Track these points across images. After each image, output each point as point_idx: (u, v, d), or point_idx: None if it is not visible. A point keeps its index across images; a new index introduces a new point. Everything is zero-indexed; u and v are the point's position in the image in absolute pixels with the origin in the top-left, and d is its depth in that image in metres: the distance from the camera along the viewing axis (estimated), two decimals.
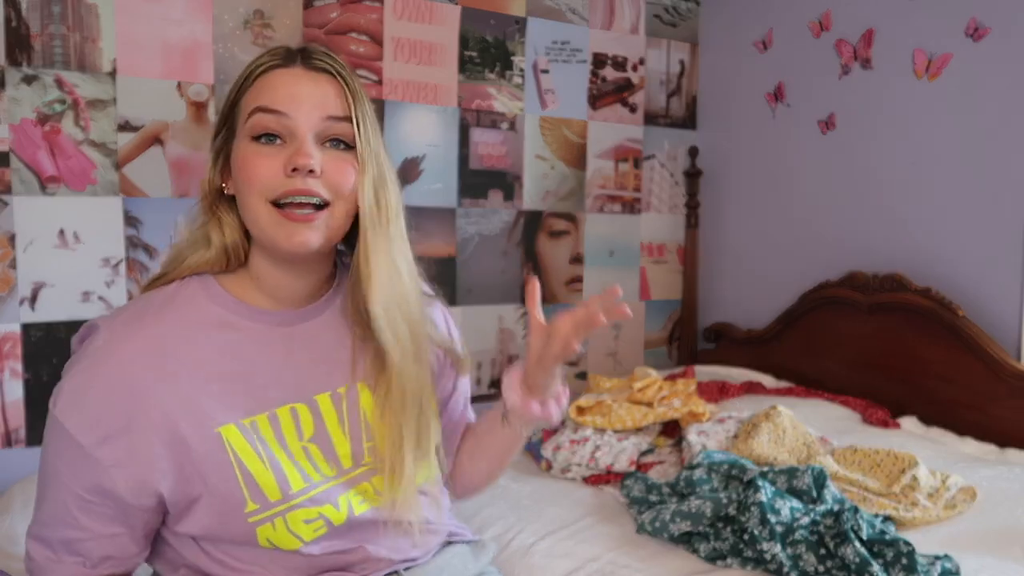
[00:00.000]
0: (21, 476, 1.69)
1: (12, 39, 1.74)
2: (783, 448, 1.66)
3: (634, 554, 1.35)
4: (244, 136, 0.83)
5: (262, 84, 0.84)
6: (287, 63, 0.84)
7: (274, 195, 0.81)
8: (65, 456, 0.80)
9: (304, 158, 0.80)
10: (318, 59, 0.85)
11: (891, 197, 2.16)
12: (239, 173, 0.83)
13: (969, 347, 1.89)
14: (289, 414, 0.87)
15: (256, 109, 0.82)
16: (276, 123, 0.82)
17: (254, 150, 0.82)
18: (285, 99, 0.82)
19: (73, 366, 0.81)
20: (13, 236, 1.77)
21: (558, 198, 2.53)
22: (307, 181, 0.81)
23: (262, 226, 0.82)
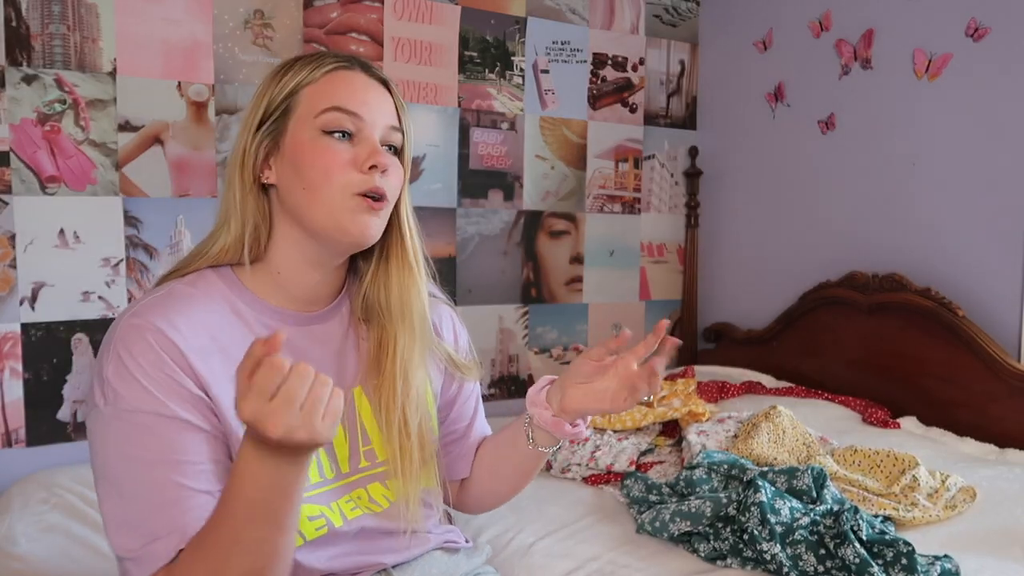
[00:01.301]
0: (21, 476, 1.69)
1: (12, 39, 1.74)
2: (783, 448, 1.66)
3: (634, 554, 1.35)
4: (312, 128, 0.86)
5: (333, 83, 0.88)
6: (351, 67, 0.90)
7: (360, 188, 0.86)
8: (142, 431, 0.78)
9: (382, 157, 0.87)
10: (375, 70, 0.92)
11: (891, 197, 2.16)
12: (311, 165, 0.85)
13: (969, 347, 1.89)
14: None
15: (333, 107, 0.86)
16: (351, 123, 0.87)
17: (329, 145, 0.86)
18: (360, 103, 0.88)
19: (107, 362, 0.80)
20: (13, 236, 1.77)
21: (558, 198, 2.53)
22: (380, 179, 0.87)
23: (336, 215, 0.86)
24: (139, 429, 0.79)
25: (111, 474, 0.80)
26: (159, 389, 0.79)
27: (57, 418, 1.84)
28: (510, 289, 2.47)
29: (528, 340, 2.51)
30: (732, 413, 1.85)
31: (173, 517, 0.78)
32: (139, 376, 0.79)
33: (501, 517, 1.50)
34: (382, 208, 0.88)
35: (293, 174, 0.87)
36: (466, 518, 1.49)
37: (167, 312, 0.83)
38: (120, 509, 0.79)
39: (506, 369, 2.47)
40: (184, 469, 0.79)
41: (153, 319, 0.81)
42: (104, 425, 0.80)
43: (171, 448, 0.79)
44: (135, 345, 0.80)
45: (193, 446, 0.80)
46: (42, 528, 1.47)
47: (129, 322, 0.82)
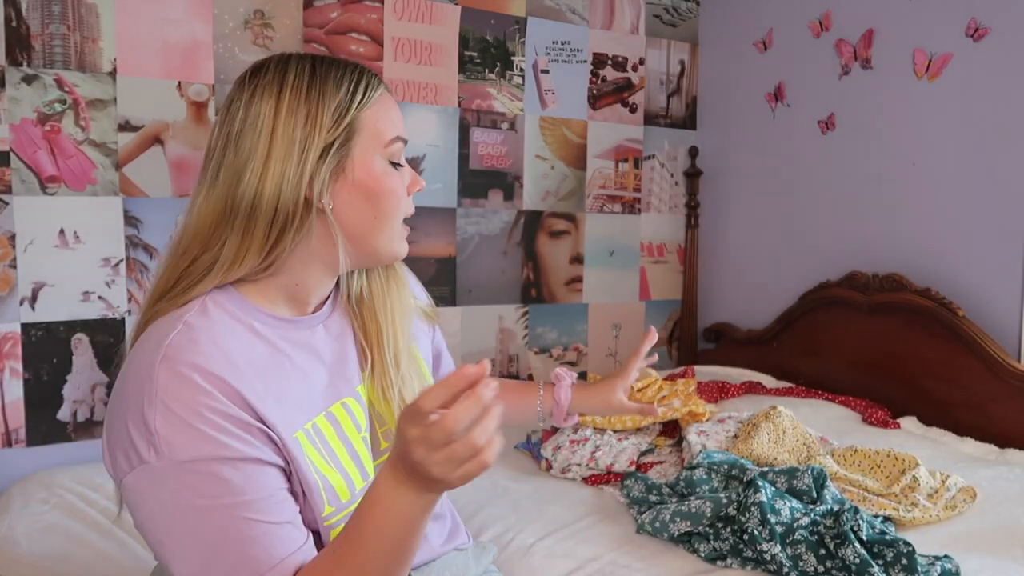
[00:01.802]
0: (21, 476, 1.69)
1: (12, 39, 1.74)
2: (783, 448, 1.66)
3: (634, 554, 1.35)
4: (382, 157, 0.88)
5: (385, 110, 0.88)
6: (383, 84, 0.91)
7: (408, 214, 0.92)
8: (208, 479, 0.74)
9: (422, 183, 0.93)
10: None
11: (891, 197, 2.16)
12: (384, 195, 0.87)
13: (969, 347, 1.89)
14: (343, 408, 0.90)
15: (398, 139, 0.89)
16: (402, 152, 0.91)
17: (394, 174, 0.89)
18: (402, 128, 0.91)
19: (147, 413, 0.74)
20: (13, 236, 1.77)
21: (558, 198, 2.53)
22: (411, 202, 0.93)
23: (391, 239, 0.90)
24: (205, 478, 0.74)
25: (180, 530, 0.74)
26: (218, 431, 0.75)
27: (57, 418, 1.84)
28: (510, 289, 2.47)
29: (528, 340, 2.51)
30: (732, 413, 1.85)
31: (263, 553, 0.75)
32: (194, 422, 0.74)
33: (501, 517, 1.50)
34: None
35: (364, 202, 0.86)
36: (467, 517, 1.49)
37: (200, 346, 0.78)
38: (200, 561, 0.74)
39: (506, 369, 2.47)
40: (260, 506, 0.76)
41: (192, 358, 0.76)
42: (160, 481, 0.74)
43: (242, 489, 0.75)
44: (182, 389, 0.74)
45: (264, 480, 0.77)
46: (42, 528, 1.47)
47: (167, 368, 0.75)
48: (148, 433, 0.73)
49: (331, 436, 0.87)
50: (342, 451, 0.87)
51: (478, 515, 1.51)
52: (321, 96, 0.84)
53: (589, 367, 2.62)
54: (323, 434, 0.86)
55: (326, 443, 0.85)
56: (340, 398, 0.90)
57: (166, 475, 0.73)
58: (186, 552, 0.74)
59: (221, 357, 0.78)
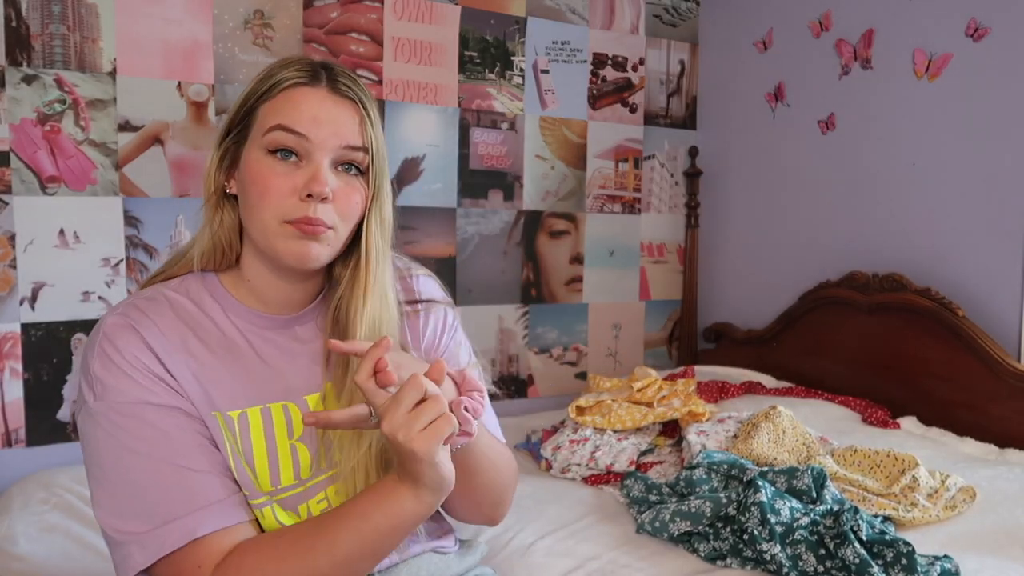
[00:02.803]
0: (21, 476, 1.69)
1: (12, 39, 1.75)
2: (783, 448, 1.66)
3: (634, 554, 1.35)
4: (259, 147, 0.85)
5: (286, 99, 0.85)
6: (313, 82, 0.86)
7: (289, 218, 0.84)
8: (142, 427, 0.81)
9: (320, 185, 0.83)
10: (343, 84, 0.87)
11: (891, 197, 2.16)
12: (252, 184, 0.85)
13: (969, 347, 1.89)
14: (282, 411, 0.90)
15: (277, 126, 0.84)
16: (295, 143, 0.84)
17: (269, 165, 0.85)
18: (307, 121, 0.84)
19: (90, 361, 0.84)
20: (13, 236, 1.77)
21: (558, 198, 2.53)
22: (318, 208, 0.84)
23: (271, 240, 0.85)
24: (132, 419, 0.81)
25: (107, 465, 0.82)
26: (146, 380, 0.83)
27: (57, 418, 1.84)
28: (510, 289, 2.47)
29: (528, 340, 2.51)
30: (732, 413, 1.85)
31: (181, 500, 0.80)
32: (125, 368, 0.82)
33: None
34: (321, 234, 0.85)
35: (242, 190, 0.88)
36: None
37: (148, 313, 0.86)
38: (120, 497, 0.81)
39: (506, 369, 2.47)
40: (184, 452, 0.82)
41: (136, 319, 0.85)
42: (95, 420, 0.82)
43: (165, 434, 0.82)
44: (119, 339, 0.83)
45: (184, 430, 0.83)
46: (42, 528, 1.47)
47: (112, 320, 0.85)
48: (89, 377, 0.83)
49: (256, 431, 0.88)
50: (260, 450, 0.89)
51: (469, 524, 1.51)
52: (247, 91, 0.89)
53: (589, 367, 2.62)
54: (248, 427, 0.88)
55: (247, 436, 0.88)
56: (283, 400, 0.90)
57: (99, 415, 0.82)
58: (106, 485, 0.81)
59: (163, 327, 0.86)
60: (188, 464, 0.82)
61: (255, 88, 0.88)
